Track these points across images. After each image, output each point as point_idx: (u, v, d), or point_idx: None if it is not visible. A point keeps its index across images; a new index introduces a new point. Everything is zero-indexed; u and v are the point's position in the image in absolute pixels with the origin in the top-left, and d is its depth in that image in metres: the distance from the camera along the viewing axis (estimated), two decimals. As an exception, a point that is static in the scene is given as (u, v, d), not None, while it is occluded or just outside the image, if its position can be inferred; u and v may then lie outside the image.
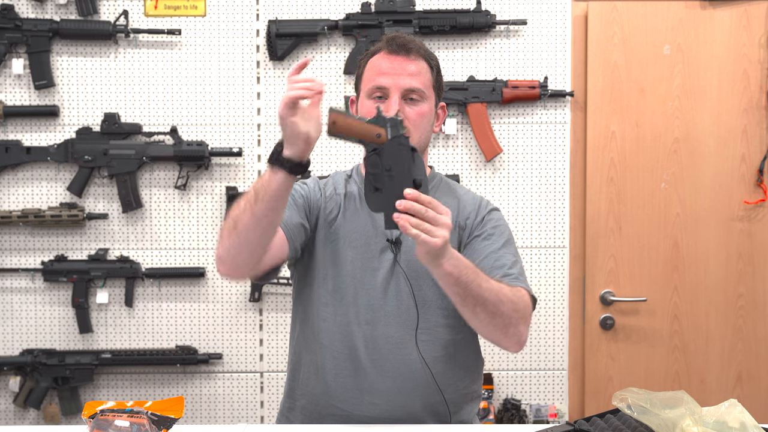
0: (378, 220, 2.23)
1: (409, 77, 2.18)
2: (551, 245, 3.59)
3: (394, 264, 2.22)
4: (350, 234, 2.26)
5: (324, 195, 2.30)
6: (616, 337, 3.61)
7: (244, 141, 3.56)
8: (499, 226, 2.27)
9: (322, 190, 2.31)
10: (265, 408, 3.61)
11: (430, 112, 2.22)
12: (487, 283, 2.03)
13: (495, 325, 2.07)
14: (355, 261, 2.25)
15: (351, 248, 2.26)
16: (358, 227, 2.26)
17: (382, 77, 2.18)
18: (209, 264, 3.57)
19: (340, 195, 2.31)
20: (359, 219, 2.27)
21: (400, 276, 2.21)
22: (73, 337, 3.58)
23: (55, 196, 3.55)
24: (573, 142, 3.60)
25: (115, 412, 1.94)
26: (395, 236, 2.22)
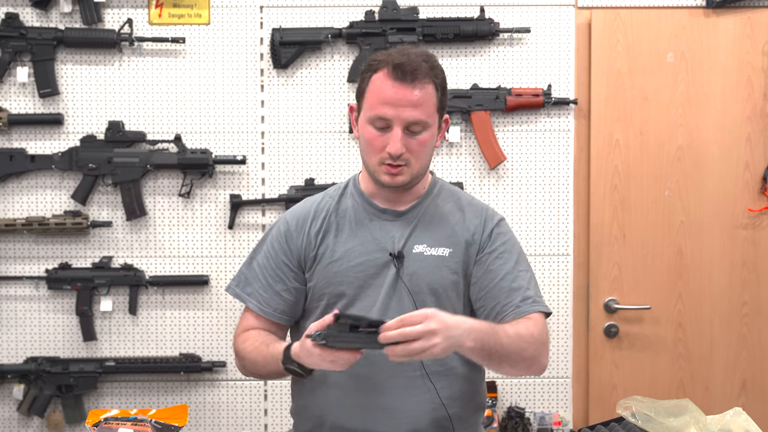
0: (378, 234, 2.23)
1: (412, 109, 2.09)
2: (555, 253, 3.59)
3: (397, 279, 2.19)
4: (348, 253, 2.23)
5: (306, 231, 2.25)
6: (620, 344, 3.60)
7: (248, 149, 3.57)
8: (508, 240, 2.25)
9: (303, 225, 2.26)
10: (269, 416, 3.61)
11: (432, 137, 2.16)
12: (507, 337, 2.05)
13: (519, 369, 2.13)
14: (355, 279, 2.21)
15: (349, 268, 2.21)
16: (357, 244, 2.23)
17: (386, 108, 2.10)
18: (213, 272, 3.57)
19: (333, 213, 2.27)
20: (357, 236, 2.23)
21: (403, 291, 2.19)
22: (76, 345, 3.58)
23: (60, 204, 3.55)
24: (577, 150, 3.60)
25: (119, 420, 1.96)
26: (398, 249, 2.21)
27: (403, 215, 2.24)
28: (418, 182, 2.23)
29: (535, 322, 2.14)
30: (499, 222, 2.27)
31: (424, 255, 2.20)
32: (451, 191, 2.32)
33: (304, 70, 3.57)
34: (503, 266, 2.19)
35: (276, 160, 3.57)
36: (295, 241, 2.27)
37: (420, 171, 2.18)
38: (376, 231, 2.23)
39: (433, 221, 2.23)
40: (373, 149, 2.15)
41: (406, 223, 2.23)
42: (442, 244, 2.21)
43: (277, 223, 2.33)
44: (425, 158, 2.18)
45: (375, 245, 2.22)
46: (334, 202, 2.29)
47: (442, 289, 2.19)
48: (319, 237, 2.25)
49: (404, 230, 2.22)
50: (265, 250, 2.31)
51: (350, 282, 2.21)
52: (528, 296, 2.17)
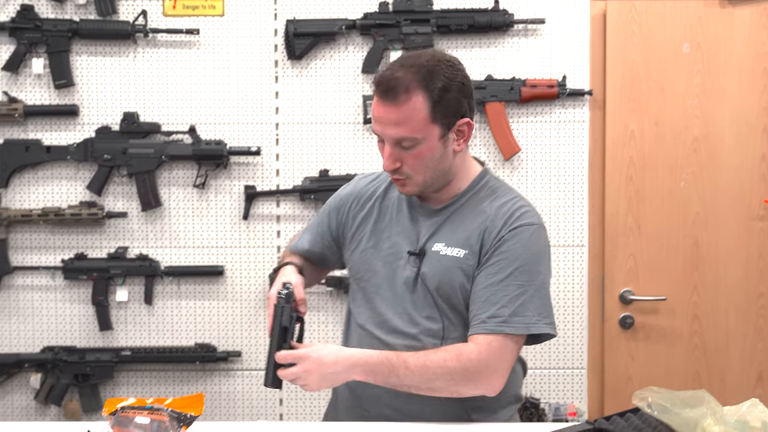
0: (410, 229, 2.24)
1: (394, 127, 2.08)
2: (570, 244, 3.57)
3: (417, 275, 2.20)
4: (381, 243, 2.28)
5: (352, 212, 2.36)
6: (635, 336, 3.58)
7: (262, 140, 3.55)
8: (515, 250, 2.14)
9: (356, 200, 2.37)
10: (284, 406, 3.60)
11: (432, 149, 2.11)
12: (407, 369, 2.08)
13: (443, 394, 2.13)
14: (382, 269, 2.26)
15: (380, 257, 2.27)
16: (390, 235, 2.27)
17: (376, 125, 2.13)
18: (228, 262, 3.56)
19: (379, 200, 2.33)
20: (392, 227, 2.28)
21: (420, 288, 2.20)
22: (93, 335, 3.58)
23: (75, 195, 3.55)
24: (592, 141, 3.57)
25: (136, 409, 1.94)
26: (419, 247, 2.21)
27: (437, 212, 2.24)
28: (443, 186, 2.21)
29: (477, 347, 2.09)
30: (518, 228, 2.16)
31: (440, 254, 2.19)
32: (492, 189, 2.25)
33: (318, 61, 3.55)
34: (492, 275, 2.13)
35: (290, 151, 3.56)
36: (336, 217, 2.40)
37: (428, 182, 2.17)
38: (409, 225, 2.25)
39: (460, 221, 2.22)
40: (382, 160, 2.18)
41: (437, 221, 2.23)
42: (459, 244, 2.19)
43: (338, 192, 2.45)
44: (429, 169, 2.15)
45: (405, 239, 2.24)
46: (384, 186, 2.35)
47: (450, 289, 2.18)
48: (359, 221, 2.33)
49: (432, 228, 2.22)
50: (319, 215, 2.49)
51: (378, 271, 2.27)
52: (498, 315, 2.10)
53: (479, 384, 2.11)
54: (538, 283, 2.15)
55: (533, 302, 2.12)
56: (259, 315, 3.58)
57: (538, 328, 2.12)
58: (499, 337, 2.10)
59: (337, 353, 2.12)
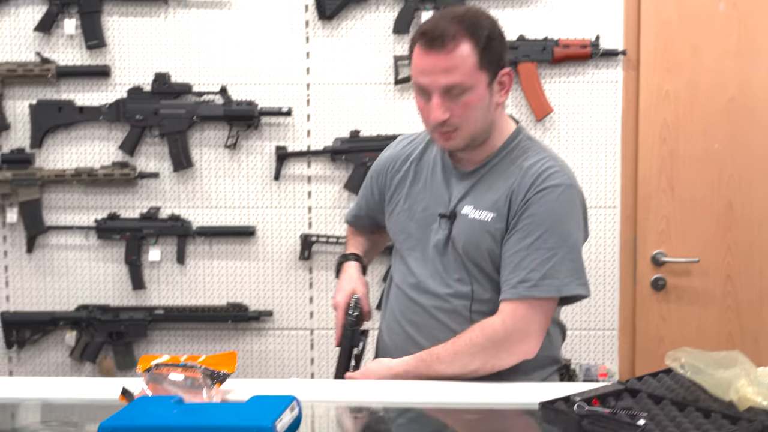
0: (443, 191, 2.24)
1: (444, 75, 2.06)
2: (602, 205, 3.55)
3: (447, 239, 2.20)
4: (415, 206, 2.29)
5: (390, 175, 2.38)
6: (667, 297, 3.56)
7: (293, 101, 3.55)
8: (543, 212, 2.12)
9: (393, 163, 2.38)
10: (315, 365, 3.62)
11: (481, 97, 2.10)
12: (441, 363, 2.12)
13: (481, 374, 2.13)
14: (416, 231, 2.28)
15: (414, 220, 2.29)
16: (424, 198, 2.27)
17: (421, 77, 2.10)
18: (259, 222, 3.57)
19: (416, 161, 2.33)
20: (427, 189, 2.28)
21: (450, 252, 2.20)
22: (126, 294, 3.61)
23: (108, 156, 3.57)
24: (625, 102, 3.53)
25: (170, 366, 1.96)
26: (450, 210, 2.21)
27: (468, 175, 2.23)
28: (483, 141, 2.19)
29: (501, 316, 2.10)
30: (547, 189, 2.13)
31: (468, 218, 2.19)
32: (525, 149, 2.22)
33: (349, 21, 3.53)
34: (522, 239, 2.12)
35: (321, 112, 3.55)
36: (377, 182, 2.43)
37: (475, 133, 2.15)
38: (442, 188, 2.25)
39: (490, 183, 2.20)
40: (424, 119, 2.17)
41: (469, 183, 2.22)
42: (488, 207, 2.17)
43: (380, 155, 2.47)
44: (477, 120, 2.13)
45: (438, 201, 2.25)
46: (420, 147, 2.35)
47: (478, 253, 2.18)
48: (396, 183, 2.36)
49: (463, 190, 2.22)
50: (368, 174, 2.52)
51: (412, 233, 2.29)
52: (528, 279, 2.09)
53: (512, 351, 2.12)
54: (570, 244, 2.13)
55: (564, 264, 2.10)
56: (290, 275, 3.59)
57: (570, 289, 2.11)
58: (526, 302, 2.10)
59: (380, 370, 2.21)
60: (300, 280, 3.59)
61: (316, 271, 3.59)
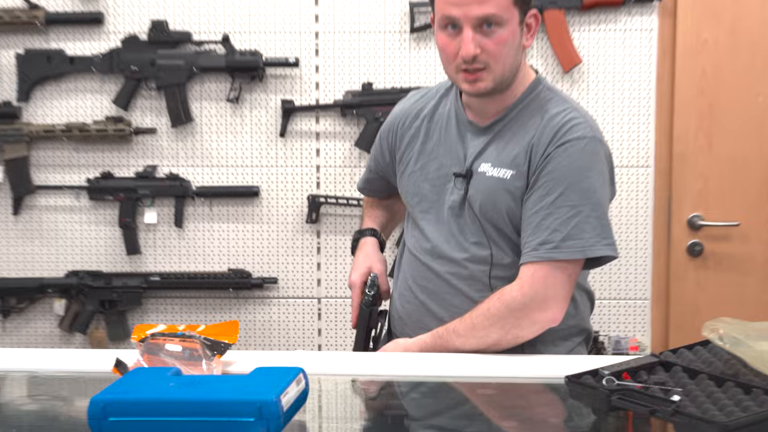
0: (458, 148, 2.23)
1: (479, 6, 2.04)
2: (634, 164, 3.53)
3: (463, 199, 2.20)
4: (428, 165, 2.28)
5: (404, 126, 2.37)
6: (704, 264, 3.55)
7: (300, 50, 3.53)
8: (564, 167, 2.10)
9: (404, 119, 2.38)
10: (323, 336, 3.63)
11: (513, 35, 2.09)
12: (459, 337, 2.12)
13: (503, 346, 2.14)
14: (430, 192, 2.27)
15: (427, 180, 2.28)
16: (438, 156, 2.27)
17: (452, 7, 2.07)
18: (264, 182, 3.57)
19: (427, 118, 2.33)
20: (440, 147, 2.27)
21: (467, 213, 2.20)
22: (120, 259, 3.62)
23: (101, 110, 3.57)
24: (660, 51, 3.50)
25: (167, 336, 1.95)
26: (465, 168, 2.20)
27: (485, 130, 2.22)
28: (507, 87, 2.17)
29: (519, 282, 2.10)
30: (568, 143, 2.12)
31: (486, 176, 2.18)
32: (545, 100, 2.21)
33: (361, -37, 3.51)
34: (542, 198, 2.10)
35: (331, 63, 3.53)
36: (386, 140, 2.43)
37: (505, 74, 2.12)
38: (457, 144, 2.24)
39: (508, 138, 2.19)
40: (447, 57, 2.14)
41: (485, 138, 2.21)
42: (506, 164, 2.16)
43: (390, 113, 2.47)
44: (508, 60, 2.11)
45: (453, 159, 2.24)
46: (433, 103, 2.34)
47: (497, 214, 2.17)
48: (407, 141, 2.35)
49: (479, 147, 2.21)
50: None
51: (425, 194, 2.28)
52: (549, 240, 2.07)
53: (534, 319, 2.10)
54: (594, 201, 2.10)
55: (589, 223, 2.09)
56: (297, 239, 3.59)
57: (596, 250, 2.09)
58: (547, 265, 2.08)
59: (396, 351, 2.22)
60: (307, 244, 3.59)
61: (324, 235, 3.59)
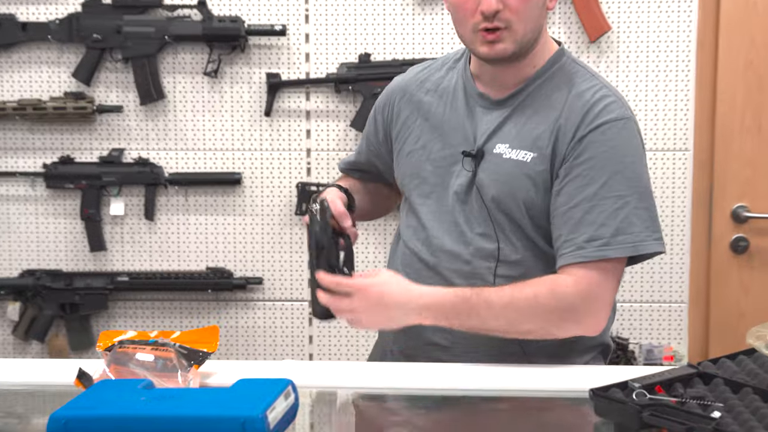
0: (468, 124, 2.23)
1: None
2: (670, 148, 3.54)
3: (472, 182, 2.20)
4: (432, 143, 2.28)
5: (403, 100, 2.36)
6: (750, 262, 3.57)
7: (288, 16, 3.54)
8: (604, 153, 2.12)
9: (402, 92, 2.38)
10: (315, 344, 3.65)
11: None
12: (489, 310, 2.08)
13: (530, 338, 2.14)
14: (432, 174, 2.27)
15: (429, 160, 2.28)
16: (443, 133, 2.27)
17: None
18: (246, 168, 3.58)
19: (431, 91, 2.33)
20: (446, 123, 2.27)
21: (474, 198, 2.21)
22: (82, 256, 3.63)
23: (59, 84, 3.58)
24: (702, 17, 3.51)
25: (137, 344, 1.96)
26: (477, 147, 2.20)
27: (500, 104, 2.23)
28: (527, 53, 2.19)
29: (573, 279, 2.09)
30: (604, 125, 2.14)
31: (503, 158, 2.18)
32: (571, 73, 2.23)
33: None
34: (582, 189, 2.11)
35: (323, 31, 3.55)
36: (381, 116, 2.42)
37: (526, 37, 2.14)
38: (465, 120, 2.25)
39: (528, 115, 2.20)
40: (464, 14, 2.14)
41: (500, 114, 2.22)
42: (527, 146, 2.17)
43: (386, 87, 2.47)
44: (531, 19, 2.13)
45: (461, 137, 2.24)
46: (438, 75, 2.35)
47: (512, 201, 2.17)
48: (405, 116, 2.35)
49: (493, 123, 2.21)
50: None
51: (426, 177, 2.28)
52: (598, 236, 2.09)
53: (581, 322, 2.12)
54: (641, 189, 2.13)
55: (638, 214, 2.11)
56: (284, 234, 3.60)
57: (647, 245, 2.11)
58: (600, 263, 2.10)
59: (405, 291, 2.12)
60: (296, 240, 3.61)
61: (316, 228, 3.60)
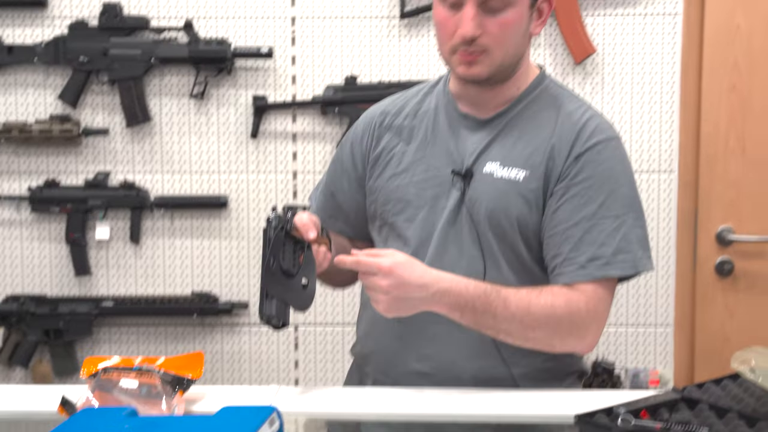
0: (452, 145, 2.23)
1: None
2: (655, 169, 3.55)
3: (460, 203, 2.20)
4: (415, 165, 2.27)
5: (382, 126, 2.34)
6: (735, 285, 3.58)
7: (275, 39, 3.55)
8: (601, 173, 2.15)
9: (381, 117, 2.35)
10: (300, 369, 3.64)
11: (520, 19, 2.12)
12: (505, 310, 2.07)
13: (529, 345, 2.14)
14: (416, 197, 2.25)
15: (413, 183, 2.26)
16: (426, 155, 2.26)
17: None
18: (233, 191, 3.58)
19: (410, 116, 2.32)
20: (429, 145, 2.27)
21: (464, 220, 2.20)
22: (67, 281, 3.62)
23: (45, 107, 3.57)
24: (686, 40, 3.53)
25: (121, 370, 1.96)
26: (466, 166, 2.20)
27: (485, 124, 2.23)
28: (508, 78, 2.20)
29: (584, 296, 2.10)
30: (599, 144, 2.17)
31: (494, 177, 2.19)
32: (556, 95, 2.25)
33: (344, -61, 3.54)
34: (581, 208, 2.14)
35: (310, 53, 3.55)
36: (360, 145, 2.38)
37: (505, 62, 2.15)
38: (451, 141, 2.24)
39: (517, 134, 2.20)
40: (444, 33, 2.16)
41: (487, 133, 2.22)
42: (519, 164, 2.18)
43: (359, 119, 2.44)
44: (511, 45, 2.14)
45: (446, 158, 2.24)
46: (416, 100, 2.34)
47: (506, 221, 2.17)
48: (384, 141, 2.33)
49: (481, 143, 2.22)
50: (339, 149, 2.46)
51: (410, 200, 2.26)
52: (599, 256, 2.11)
53: (584, 339, 2.14)
54: (636, 208, 2.18)
55: (635, 233, 2.15)
56: (271, 256, 3.60)
57: (645, 264, 2.16)
58: (603, 282, 2.13)
59: (424, 273, 2.07)
60: (282, 262, 3.60)
61: (302, 251, 3.59)
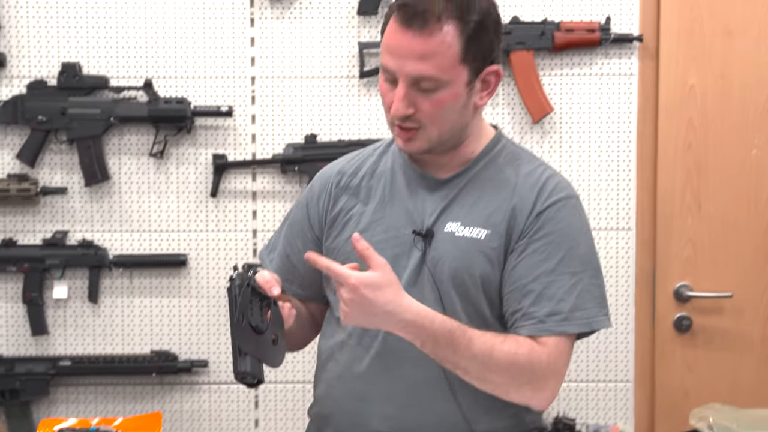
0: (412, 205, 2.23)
1: (417, 62, 2.05)
2: (613, 227, 3.58)
3: (422, 263, 2.19)
4: (374, 226, 2.25)
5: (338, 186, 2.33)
6: (694, 341, 3.59)
7: (234, 98, 3.56)
8: (560, 230, 2.16)
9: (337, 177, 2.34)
10: (261, 428, 3.61)
11: (456, 96, 2.10)
12: (467, 351, 2.05)
13: (485, 388, 2.11)
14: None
15: (373, 244, 2.15)
16: (385, 216, 2.25)
17: (389, 58, 2.09)
18: (192, 250, 3.57)
19: (367, 176, 2.31)
20: (388, 206, 2.26)
21: (426, 279, 2.19)
22: (23, 341, 3.58)
23: (2, 166, 3.55)
24: (642, 99, 3.58)
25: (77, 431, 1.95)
26: (427, 226, 2.20)
27: (444, 184, 2.23)
28: (453, 146, 2.20)
29: (546, 349, 2.10)
30: (559, 202, 2.17)
31: (455, 236, 2.18)
32: (514, 155, 2.26)
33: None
34: (540, 264, 2.13)
35: (270, 112, 3.57)
36: (316, 206, 2.36)
37: (443, 138, 2.15)
38: (410, 201, 2.24)
39: (477, 194, 2.20)
40: (385, 106, 2.17)
41: (446, 193, 2.22)
42: (479, 223, 2.18)
43: (314, 179, 2.42)
44: (447, 122, 2.13)
45: (406, 219, 2.22)
46: (372, 160, 2.33)
47: (470, 279, 2.17)
48: (342, 202, 2.31)
49: (440, 202, 2.21)
50: (293, 210, 2.44)
51: None
52: (557, 311, 2.11)
53: (541, 391, 2.13)
54: (594, 266, 2.18)
55: (590, 291, 2.15)
56: (230, 315, 3.58)
57: (599, 322, 2.15)
58: (564, 337, 2.12)
59: (390, 301, 2.00)
60: (243, 320, 3.58)
61: (262, 309, 3.58)
